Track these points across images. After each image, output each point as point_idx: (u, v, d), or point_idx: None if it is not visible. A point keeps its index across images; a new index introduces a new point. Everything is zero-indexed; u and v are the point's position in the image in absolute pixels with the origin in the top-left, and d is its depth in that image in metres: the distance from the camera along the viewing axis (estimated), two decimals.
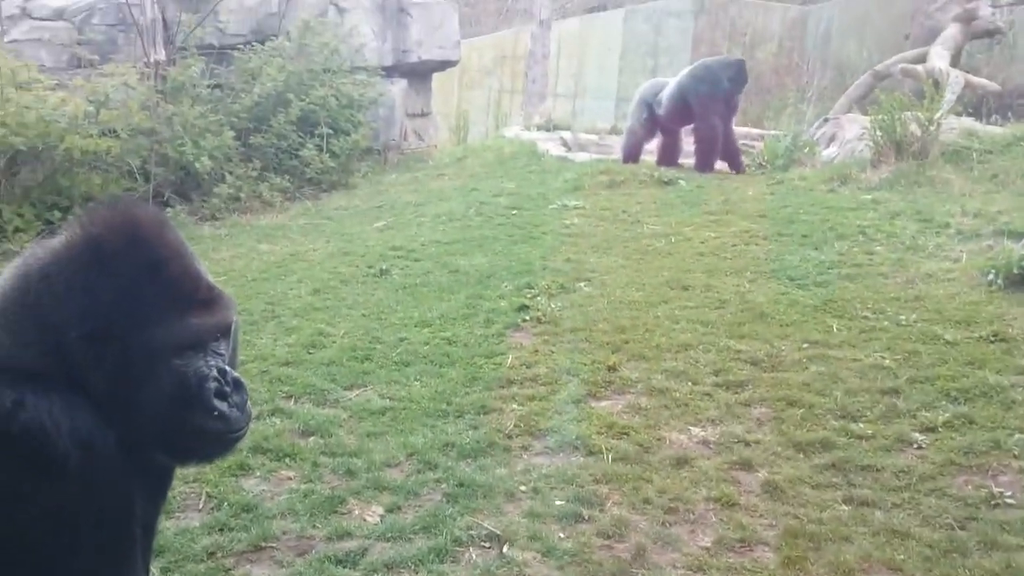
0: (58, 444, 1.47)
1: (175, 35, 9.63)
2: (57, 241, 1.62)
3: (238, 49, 9.94)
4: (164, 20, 9.62)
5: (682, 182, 8.71)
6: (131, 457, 1.58)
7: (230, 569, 2.90)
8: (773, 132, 11.15)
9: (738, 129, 10.57)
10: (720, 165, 9.63)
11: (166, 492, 1.87)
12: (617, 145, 11.19)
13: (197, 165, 8.43)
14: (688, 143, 10.21)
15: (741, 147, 10.06)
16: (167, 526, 3.09)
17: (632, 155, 10.20)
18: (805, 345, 4.53)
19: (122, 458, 1.56)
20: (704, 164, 9.50)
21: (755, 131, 12.10)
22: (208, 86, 9.36)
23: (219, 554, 2.98)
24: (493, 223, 7.47)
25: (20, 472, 1.49)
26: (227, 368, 1.65)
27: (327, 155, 9.55)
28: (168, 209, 8.18)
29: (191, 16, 9.57)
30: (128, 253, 1.57)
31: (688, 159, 9.99)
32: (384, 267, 6.29)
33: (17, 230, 7.00)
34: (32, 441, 1.46)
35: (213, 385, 1.60)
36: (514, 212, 7.80)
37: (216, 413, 1.60)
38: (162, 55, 9.30)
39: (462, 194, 8.82)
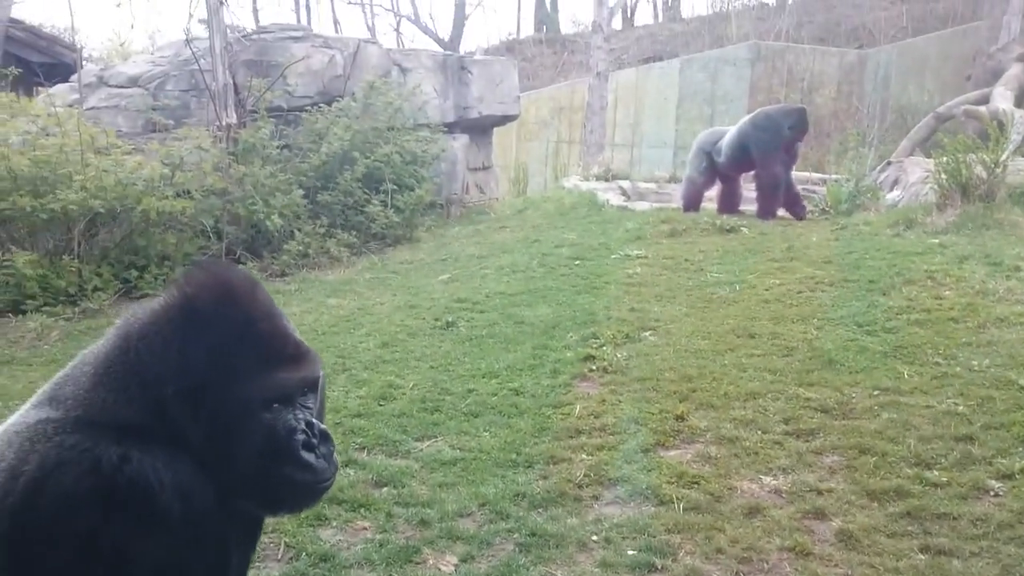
0: (162, 497, 1.56)
1: (246, 99, 10.05)
2: (156, 302, 1.74)
3: (306, 110, 10.31)
4: (235, 85, 10.05)
5: (744, 229, 8.71)
6: (226, 508, 1.68)
7: None
8: (835, 177, 11.09)
9: (799, 174, 10.57)
10: (782, 212, 9.62)
11: (256, 542, 1.95)
12: (676, 193, 11.25)
13: (268, 223, 8.72)
14: (748, 190, 10.23)
15: (802, 192, 10.04)
16: None
17: (692, 203, 10.25)
18: (876, 392, 4.49)
19: (219, 509, 1.66)
20: (766, 211, 9.50)
21: (816, 176, 12.06)
22: (277, 147, 9.70)
23: None
24: (556, 274, 7.55)
25: (126, 524, 1.58)
26: (314, 421, 1.72)
27: (392, 210, 9.79)
28: (240, 267, 8.45)
29: (261, 80, 9.97)
30: (221, 313, 1.67)
31: (748, 206, 9.99)
32: (450, 319, 6.40)
33: (96, 289, 7.26)
34: (138, 494, 1.56)
35: (301, 437, 1.68)
36: (576, 263, 7.88)
37: (304, 464, 1.67)
38: (233, 118, 9.69)
39: (524, 245, 8.94)
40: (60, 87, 10.86)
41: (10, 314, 6.79)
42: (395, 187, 9.97)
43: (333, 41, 11.39)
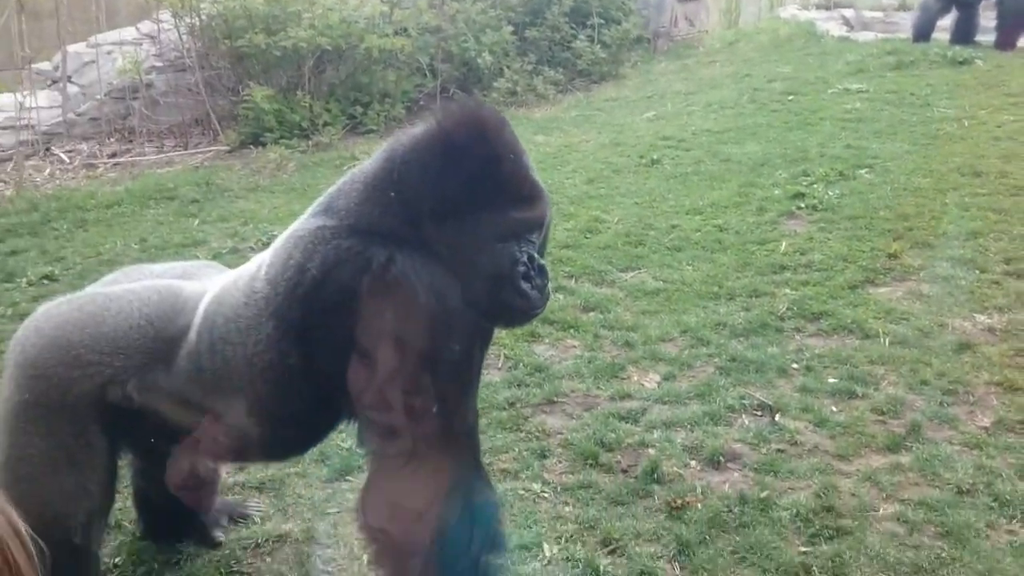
0: (421, 292, 1.85)
1: None
2: (417, 131, 1.99)
3: None
4: None
5: (979, 62, 7.98)
6: (467, 312, 1.95)
7: (528, 417, 3.31)
8: None
9: None
10: None
11: (487, 345, 2.25)
12: (905, 22, 10.34)
13: (479, 61, 8.90)
14: (987, 19, 9.21)
15: None
16: None
17: (924, 33, 9.39)
18: None
19: (462, 310, 1.93)
20: (1006, 41, 8.57)
21: None
22: None
23: (518, 404, 3.40)
24: (767, 110, 7.31)
25: (396, 312, 1.89)
26: (536, 256, 1.94)
27: (598, 46, 9.68)
28: (491, 106, 8.74)
29: None
30: (472, 148, 1.88)
31: (986, 37, 9.03)
32: (655, 157, 6.43)
33: (325, 124, 7.80)
34: (401, 290, 1.85)
35: (522, 269, 1.90)
36: (790, 98, 7.58)
37: (521, 293, 1.90)
38: None
39: (734, 81, 8.65)
40: None
41: (252, 146, 7.48)
42: (601, 21, 9.80)
43: None
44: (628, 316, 4.09)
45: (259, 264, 2.07)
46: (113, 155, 7.93)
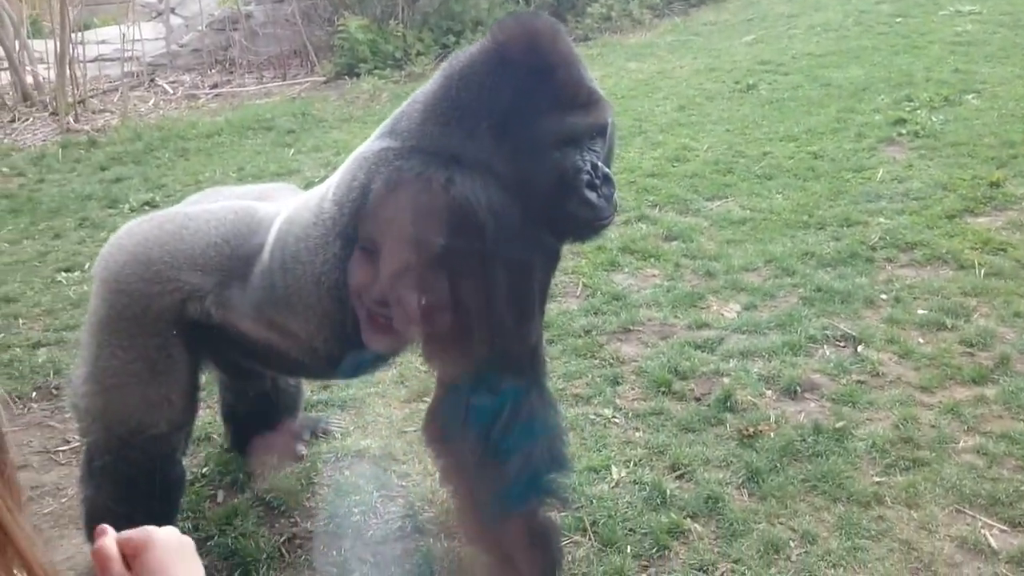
0: (479, 213, 1.87)
1: None
2: (474, 48, 1.98)
3: None
4: None
5: None
6: (528, 231, 1.96)
7: (603, 345, 3.33)
8: None
9: None
10: None
11: (555, 266, 2.25)
12: None
13: None
14: None
15: None
16: (551, 308, 3.58)
17: None
18: None
19: (522, 229, 1.94)
20: None
21: None
22: None
23: (594, 332, 3.42)
24: (873, 32, 6.96)
25: (452, 233, 1.91)
26: (599, 163, 1.90)
27: None
28: (546, 16, 8.62)
29: None
30: (525, 59, 1.87)
31: None
32: (751, 82, 6.23)
33: (419, 53, 7.84)
34: (461, 209, 1.87)
35: (586, 177, 1.87)
36: (898, 20, 7.18)
37: (586, 201, 1.87)
38: None
39: (840, 2, 8.23)
40: None
41: (347, 76, 7.59)
42: None
43: None
44: (712, 246, 4.04)
45: (328, 186, 2.13)
46: (214, 86, 8.19)
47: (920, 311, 3.28)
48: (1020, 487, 2.37)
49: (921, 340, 3.10)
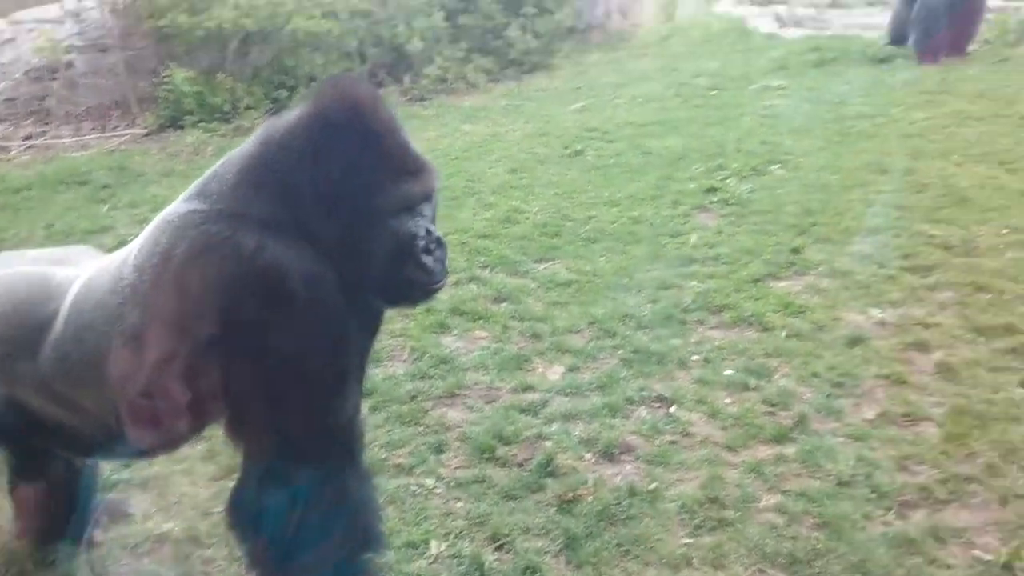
0: (291, 281, 1.81)
1: None
2: (294, 113, 1.95)
3: None
4: None
5: (900, 60, 8.17)
6: (349, 298, 1.92)
7: (428, 410, 3.31)
8: (1016, 4, 10.00)
9: None
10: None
11: (376, 332, 2.21)
12: (836, 19, 10.51)
13: (408, 46, 8.83)
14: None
15: None
16: (376, 372, 3.55)
17: (898, 36, 8.76)
18: (1005, 231, 4.34)
19: (341, 296, 1.90)
20: (921, 52, 8.35)
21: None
22: None
23: (420, 397, 3.39)
24: (690, 104, 7.40)
25: (260, 303, 1.85)
26: (432, 227, 1.93)
27: (531, 35, 9.68)
28: (381, 89, 8.67)
29: None
30: (350, 126, 1.85)
31: None
32: (578, 148, 6.47)
33: (248, 107, 7.66)
34: (271, 278, 1.81)
35: (422, 243, 1.89)
36: (713, 93, 7.68)
37: (423, 266, 1.90)
38: None
39: (662, 74, 8.73)
40: None
41: (170, 129, 7.32)
42: (535, 10, 9.80)
43: None
44: (539, 307, 4.12)
45: (130, 250, 2.03)
46: (28, 137, 7.70)
47: (727, 371, 3.45)
48: (817, 545, 2.50)
49: (728, 400, 3.25)
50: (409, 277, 1.90)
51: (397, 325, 3.90)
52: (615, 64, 9.75)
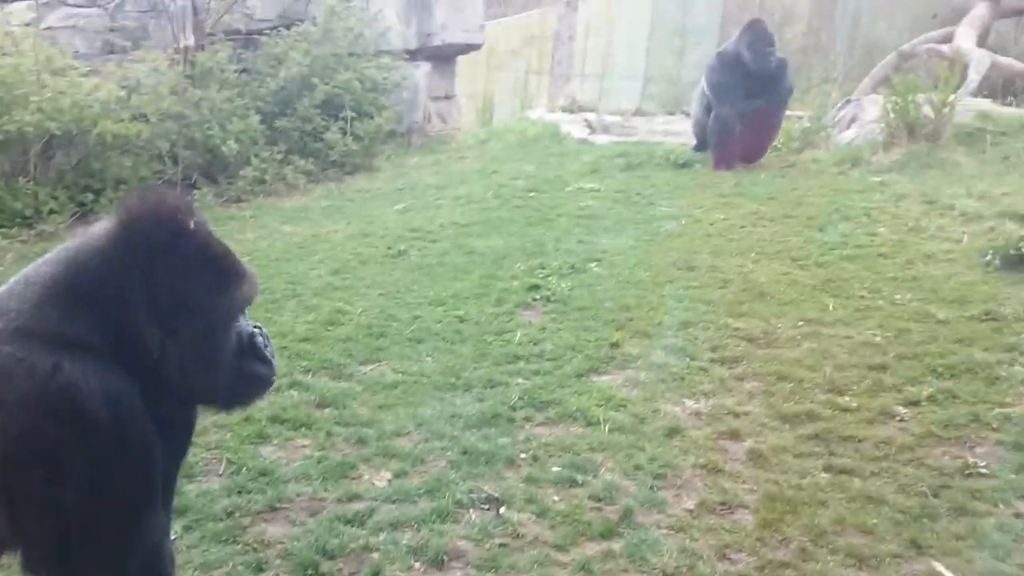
0: (90, 402, 1.71)
1: (204, 21, 9.86)
2: (99, 228, 1.89)
3: (265, 34, 10.12)
4: (194, 6, 9.83)
5: (698, 165, 8.82)
6: (155, 415, 1.83)
7: (247, 527, 3.13)
8: (799, 114, 11.10)
9: None
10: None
11: (186, 449, 2.12)
12: (641, 127, 11.25)
13: (224, 148, 8.66)
14: None
15: None
16: (190, 488, 3.34)
17: (701, 143, 9.21)
18: (800, 323, 4.70)
19: (146, 416, 1.81)
20: (717, 160, 8.69)
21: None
22: (235, 71, 9.55)
23: (237, 514, 3.21)
24: (510, 205, 7.64)
25: (58, 426, 1.72)
26: (259, 325, 2.01)
27: (351, 138, 9.73)
28: (195, 192, 8.43)
29: (220, 2, 9.78)
30: (173, 243, 1.84)
31: None
32: (402, 248, 6.50)
33: (51, 212, 7.26)
34: (68, 399, 1.71)
35: (260, 340, 1.98)
36: (531, 194, 7.97)
37: (266, 360, 1.99)
38: (191, 41, 9.51)
39: (482, 176, 8.99)
40: (17, 5, 10.50)
41: None
42: (355, 115, 9.88)
43: None
44: (364, 411, 4.03)
45: None
46: None
47: (555, 468, 3.48)
48: None
49: (556, 497, 3.28)
50: (254, 372, 1.97)
51: (212, 438, 3.71)
52: (436, 166, 9.96)
